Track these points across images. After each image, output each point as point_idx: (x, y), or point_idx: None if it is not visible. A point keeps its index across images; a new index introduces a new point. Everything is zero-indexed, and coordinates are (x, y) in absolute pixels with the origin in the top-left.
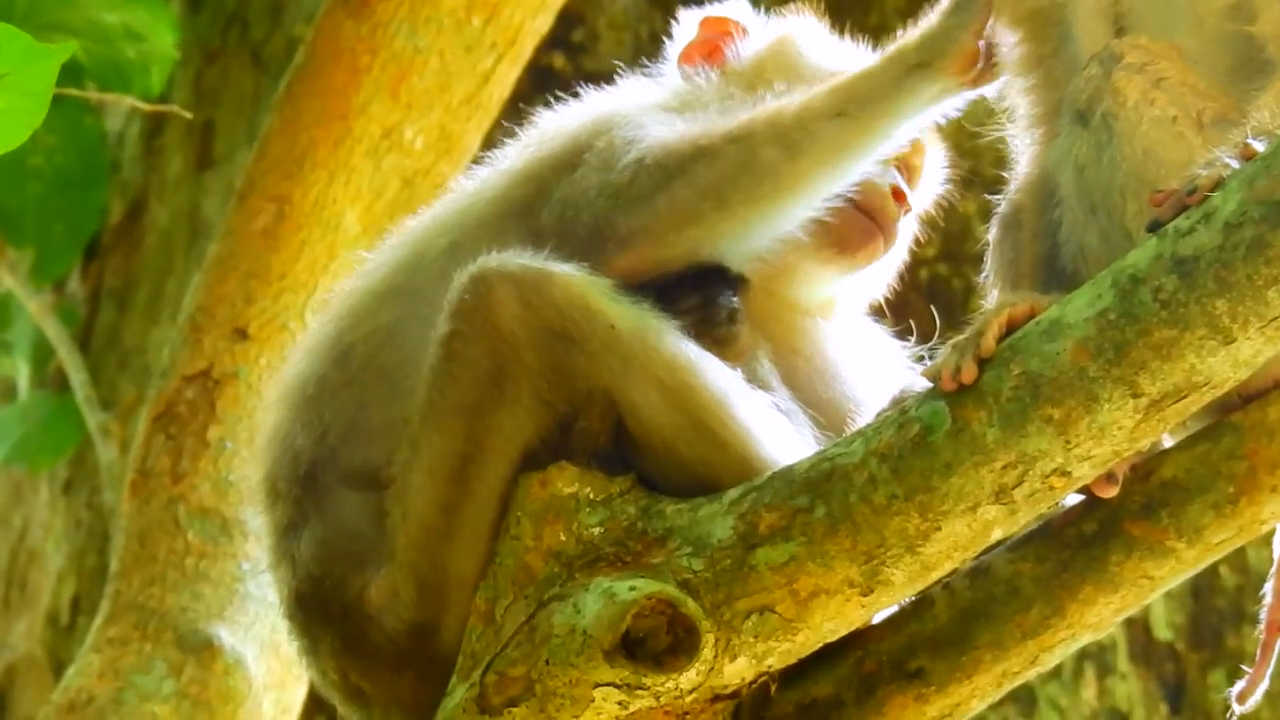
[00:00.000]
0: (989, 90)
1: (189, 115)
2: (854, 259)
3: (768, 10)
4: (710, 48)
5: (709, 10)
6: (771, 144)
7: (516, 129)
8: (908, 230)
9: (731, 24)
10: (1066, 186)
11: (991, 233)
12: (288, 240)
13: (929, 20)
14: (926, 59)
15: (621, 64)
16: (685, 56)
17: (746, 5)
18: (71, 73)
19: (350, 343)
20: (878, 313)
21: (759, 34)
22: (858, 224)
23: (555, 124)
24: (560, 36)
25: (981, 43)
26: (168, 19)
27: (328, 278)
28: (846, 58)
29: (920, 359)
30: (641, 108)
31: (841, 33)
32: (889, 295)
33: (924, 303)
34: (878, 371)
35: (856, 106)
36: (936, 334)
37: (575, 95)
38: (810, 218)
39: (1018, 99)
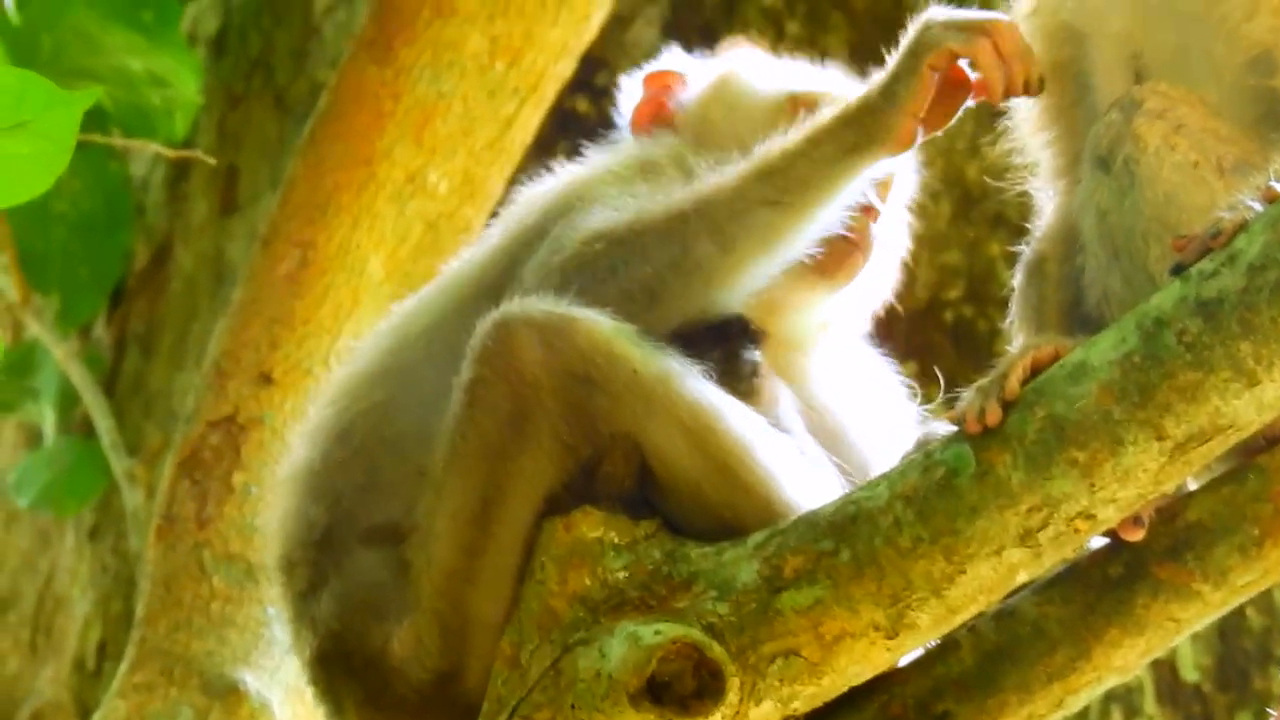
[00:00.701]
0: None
1: (213, 160)
2: (836, 278)
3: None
4: (656, 104)
5: (648, 67)
6: (704, 238)
7: (540, 173)
8: (888, 232)
9: (671, 76)
10: (1089, 232)
11: (1016, 279)
12: (312, 285)
13: (865, 95)
14: (863, 141)
15: None
16: (635, 118)
17: (682, 53)
18: (96, 118)
19: (349, 421)
20: (902, 355)
21: (698, 78)
22: (831, 244)
23: (527, 201)
24: (583, 80)
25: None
26: (192, 64)
27: (352, 323)
28: (787, 81)
29: (950, 403)
30: (601, 180)
31: (864, 74)
32: (915, 337)
33: (949, 345)
34: (877, 395)
35: (792, 194)
36: (961, 376)
37: (598, 139)
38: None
39: (1040, 152)
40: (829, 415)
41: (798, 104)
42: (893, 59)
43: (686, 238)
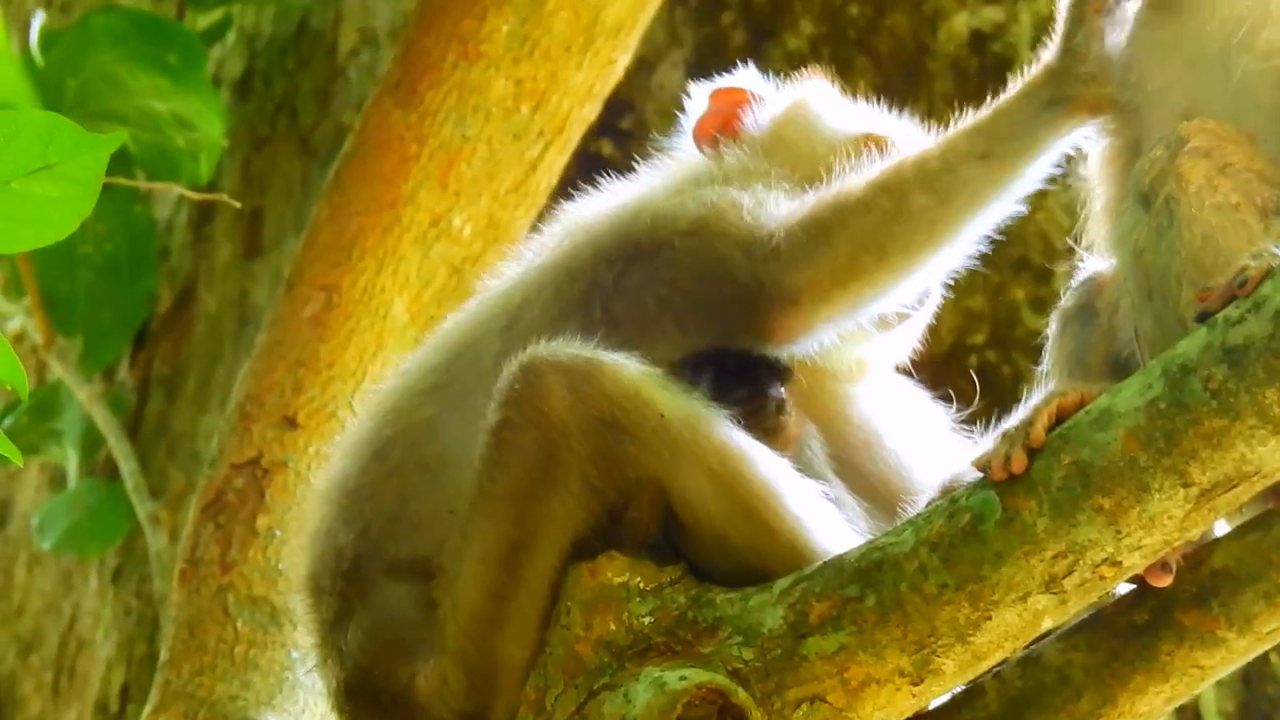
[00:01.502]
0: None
1: (237, 203)
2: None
3: (780, 77)
4: (725, 119)
5: (719, 83)
6: (921, 190)
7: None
8: None
9: (745, 94)
10: (1125, 269)
11: (1052, 325)
12: (336, 329)
13: (1049, 55)
14: (1057, 94)
15: None
16: (700, 131)
17: (756, 74)
18: (121, 161)
19: (389, 437)
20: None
21: (772, 101)
22: None
23: (588, 218)
24: (608, 124)
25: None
26: (216, 107)
27: (376, 366)
28: (859, 119)
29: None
30: (679, 187)
31: None
32: (939, 382)
33: (973, 389)
34: (919, 427)
35: (1000, 146)
36: (985, 421)
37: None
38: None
39: (1090, 194)
40: (870, 451)
41: (870, 145)
42: (1059, 17)
43: (905, 190)
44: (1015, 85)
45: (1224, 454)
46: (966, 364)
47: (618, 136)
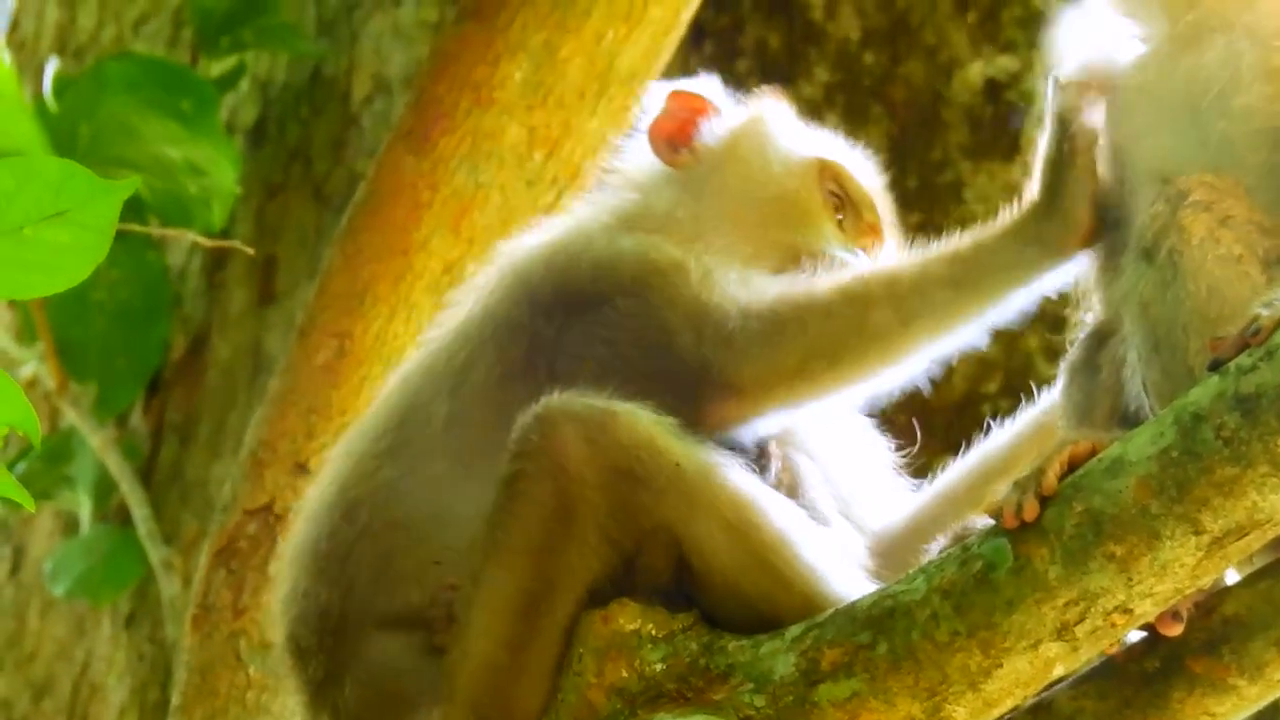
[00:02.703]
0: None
1: (251, 251)
2: None
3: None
4: (681, 125)
5: (680, 84)
6: (886, 307)
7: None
8: None
9: (704, 101)
10: (1131, 323)
11: (1060, 377)
12: (349, 376)
13: (1039, 193)
14: (1044, 233)
15: None
16: (655, 130)
17: (718, 83)
18: (134, 207)
19: (355, 498)
20: (939, 448)
21: (730, 113)
22: None
23: (525, 265)
24: None
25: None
26: (230, 154)
27: None
28: (814, 142)
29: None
30: (621, 224)
31: (904, 167)
32: (952, 430)
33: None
34: (871, 464)
35: (974, 277)
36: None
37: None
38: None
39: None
40: (836, 493)
41: (825, 170)
42: (1040, 148)
43: (868, 303)
44: (1000, 220)
45: (1236, 502)
46: (980, 413)
47: None
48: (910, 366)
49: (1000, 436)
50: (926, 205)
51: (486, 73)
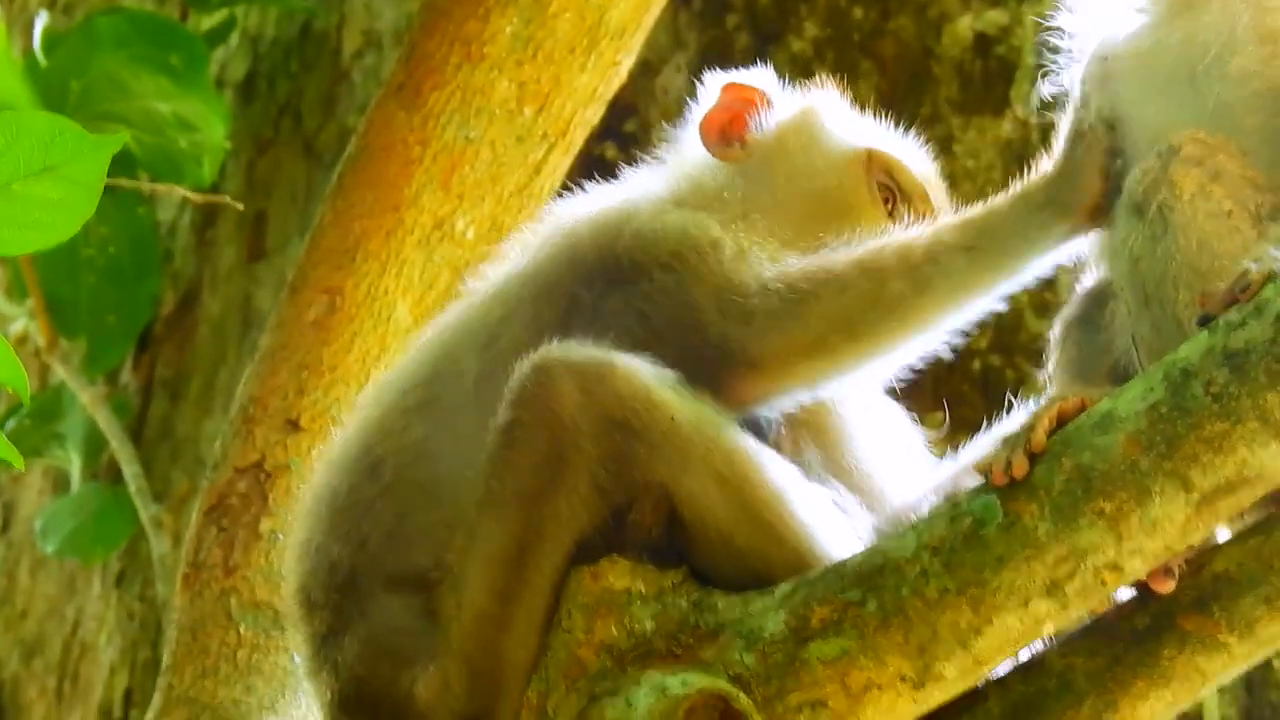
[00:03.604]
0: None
1: (241, 206)
2: None
3: (792, 82)
4: (732, 117)
5: (733, 77)
6: (901, 277)
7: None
8: None
9: (756, 93)
10: (1120, 278)
11: (1054, 331)
12: (339, 332)
13: (1052, 160)
14: (1054, 197)
15: None
16: (706, 124)
17: (772, 75)
18: (123, 163)
19: (380, 456)
20: (930, 403)
21: (782, 105)
22: None
23: (572, 229)
24: (612, 127)
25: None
26: (220, 109)
27: (379, 369)
28: (865, 133)
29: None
30: (669, 200)
31: (895, 124)
32: (942, 387)
33: (976, 394)
34: (898, 446)
35: (986, 242)
36: (989, 426)
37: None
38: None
39: None
40: (853, 467)
41: (874, 161)
42: (1065, 117)
43: (884, 275)
44: (1014, 186)
45: (1225, 458)
46: (970, 369)
47: (621, 140)
48: (929, 338)
49: (1021, 415)
50: None
51: (477, 28)
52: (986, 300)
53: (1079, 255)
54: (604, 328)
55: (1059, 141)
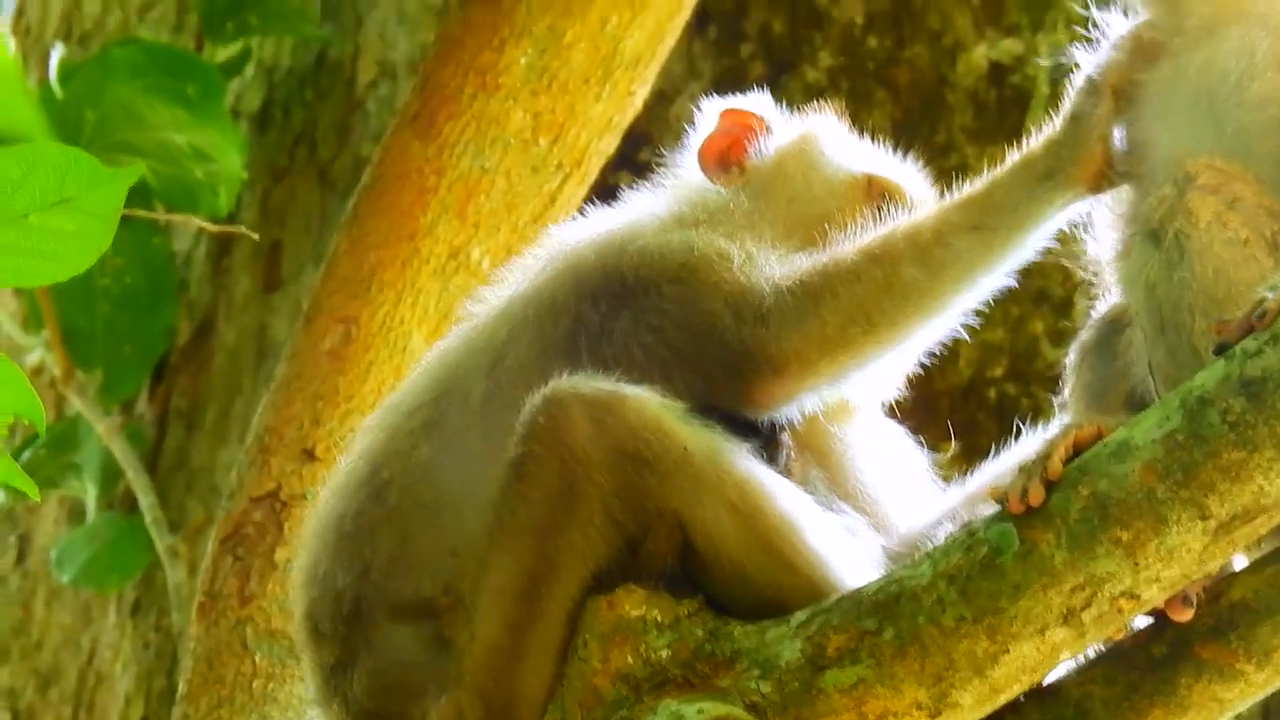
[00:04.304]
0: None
1: (256, 236)
2: None
3: (799, 109)
4: (732, 142)
5: (731, 102)
6: (912, 262)
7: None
8: None
9: (754, 118)
10: (1137, 305)
11: (1070, 358)
12: (355, 361)
13: (1053, 128)
14: (1055, 166)
15: None
16: (705, 150)
17: (769, 100)
18: (139, 193)
19: (386, 479)
20: (945, 433)
21: (781, 130)
22: None
23: (575, 249)
24: (627, 156)
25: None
26: (235, 139)
27: None
28: (865, 158)
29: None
30: (672, 220)
31: (909, 151)
32: (958, 414)
33: (992, 422)
34: (902, 467)
35: (993, 218)
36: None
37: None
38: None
39: (1106, 230)
40: (860, 491)
41: (874, 187)
42: (1072, 88)
43: (895, 261)
44: (1013, 156)
45: (1242, 486)
46: (986, 397)
47: (636, 169)
48: (944, 321)
49: (1033, 441)
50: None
51: (491, 58)
52: (997, 277)
53: (1095, 280)
54: (613, 346)
55: (1064, 106)
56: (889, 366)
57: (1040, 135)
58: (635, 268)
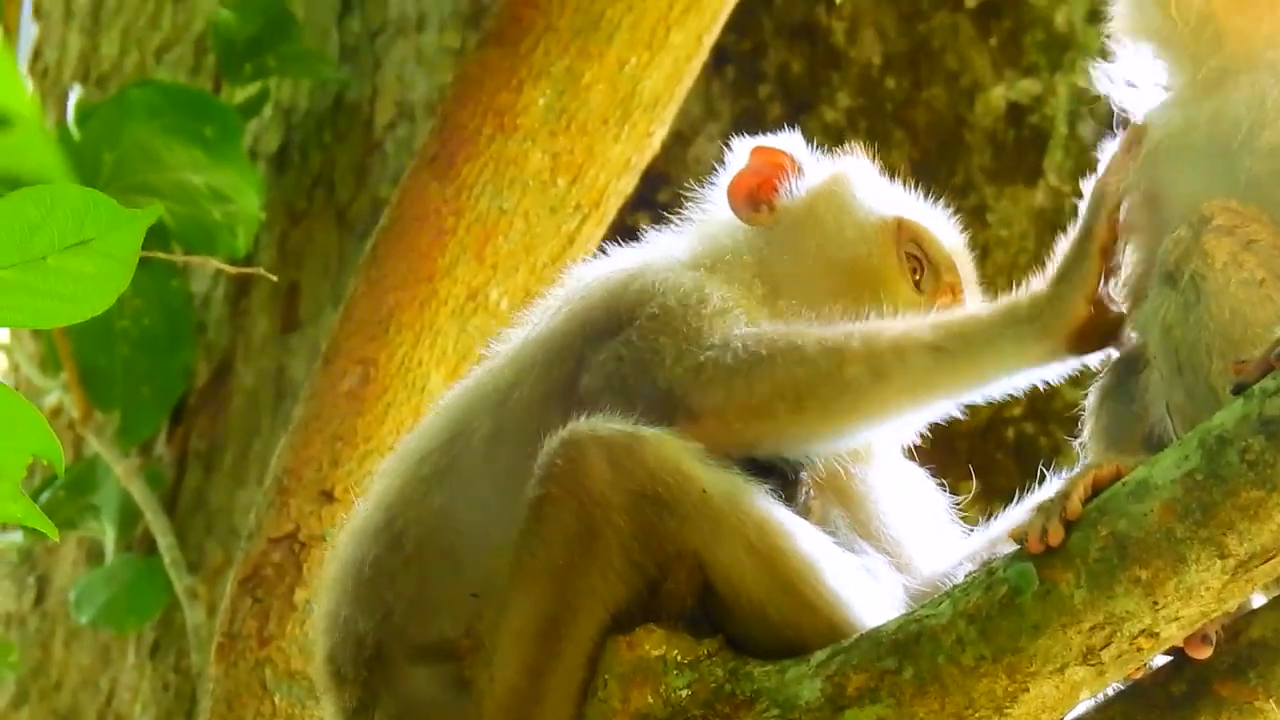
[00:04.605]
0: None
1: (274, 277)
2: None
3: (818, 150)
4: (762, 181)
5: (763, 140)
6: (860, 361)
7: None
8: None
9: (786, 157)
10: (1154, 346)
11: (1089, 399)
12: (373, 402)
13: (1041, 282)
14: (1036, 315)
15: None
16: (735, 187)
17: (800, 139)
18: (157, 234)
19: (402, 527)
20: (964, 473)
21: (812, 171)
22: None
23: (586, 289)
24: (646, 197)
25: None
26: (253, 181)
27: None
28: (895, 201)
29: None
30: (680, 268)
31: (927, 191)
32: (976, 454)
33: (1011, 462)
34: (922, 509)
35: (956, 345)
36: (1023, 494)
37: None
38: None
39: (1122, 273)
40: (880, 531)
41: (903, 230)
42: (1065, 242)
43: (844, 355)
44: (1003, 298)
45: (1261, 525)
46: (1004, 436)
47: (654, 209)
48: (880, 428)
49: (1057, 482)
50: None
51: (510, 99)
52: (947, 403)
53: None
54: (590, 379)
55: (1055, 260)
56: (815, 450)
57: (1027, 288)
58: (630, 306)
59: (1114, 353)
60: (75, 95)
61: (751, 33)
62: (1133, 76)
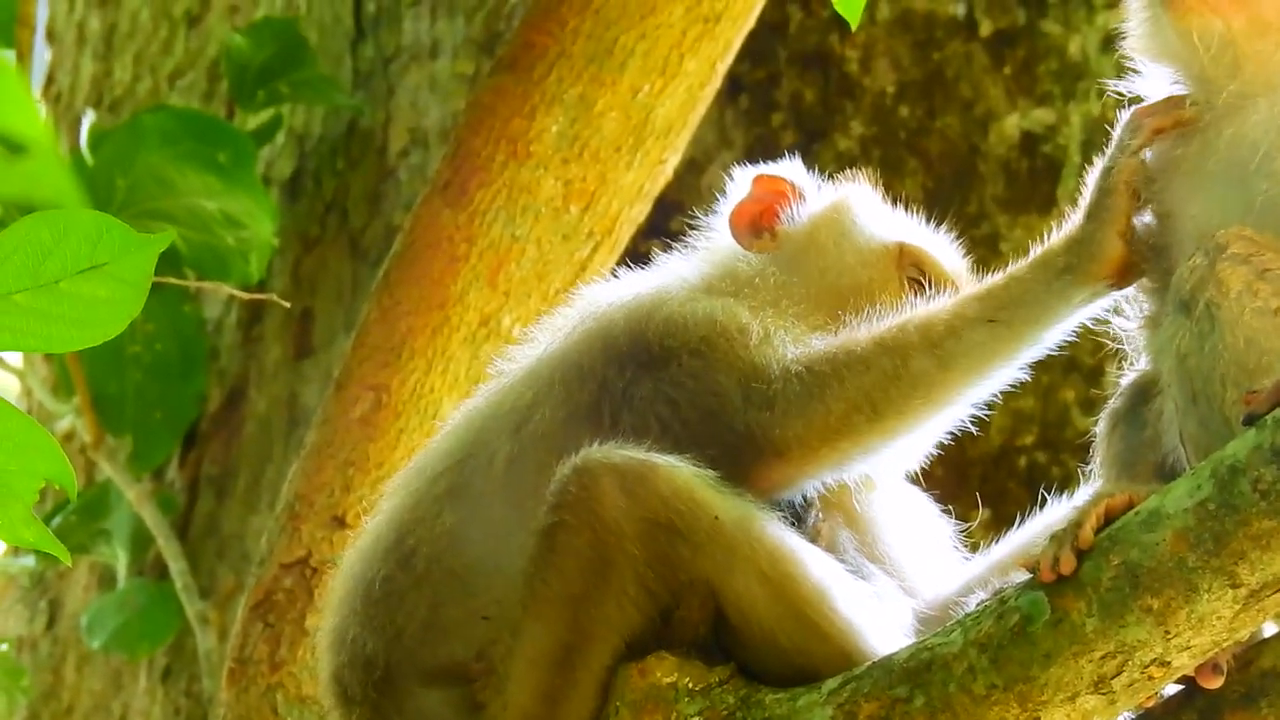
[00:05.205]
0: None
1: (287, 303)
2: None
3: (831, 178)
4: (764, 208)
5: (764, 169)
6: (923, 353)
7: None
8: None
9: (787, 185)
10: (1168, 375)
11: (1100, 426)
12: (385, 429)
13: (1072, 224)
14: (1073, 262)
15: None
16: (737, 216)
17: (801, 167)
18: (170, 260)
19: (413, 546)
20: (975, 501)
21: (814, 197)
22: None
23: (603, 313)
24: (658, 224)
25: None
26: (267, 207)
27: None
28: (897, 226)
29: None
30: (701, 287)
31: (940, 220)
32: (988, 482)
33: (1023, 490)
34: (927, 534)
35: (1007, 313)
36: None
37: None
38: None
39: (1137, 300)
40: (888, 555)
41: (905, 256)
42: (1091, 179)
43: (906, 352)
44: (1034, 252)
45: (1273, 555)
46: (1016, 465)
47: (667, 237)
48: (954, 412)
49: (1059, 509)
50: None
51: (522, 126)
52: (1011, 370)
53: (1125, 348)
54: (633, 413)
55: (1083, 202)
56: (899, 453)
57: (1060, 232)
58: (661, 337)
59: (1125, 379)
60: (88, 120)
61: (765, 61)
62: (1149, 96)
